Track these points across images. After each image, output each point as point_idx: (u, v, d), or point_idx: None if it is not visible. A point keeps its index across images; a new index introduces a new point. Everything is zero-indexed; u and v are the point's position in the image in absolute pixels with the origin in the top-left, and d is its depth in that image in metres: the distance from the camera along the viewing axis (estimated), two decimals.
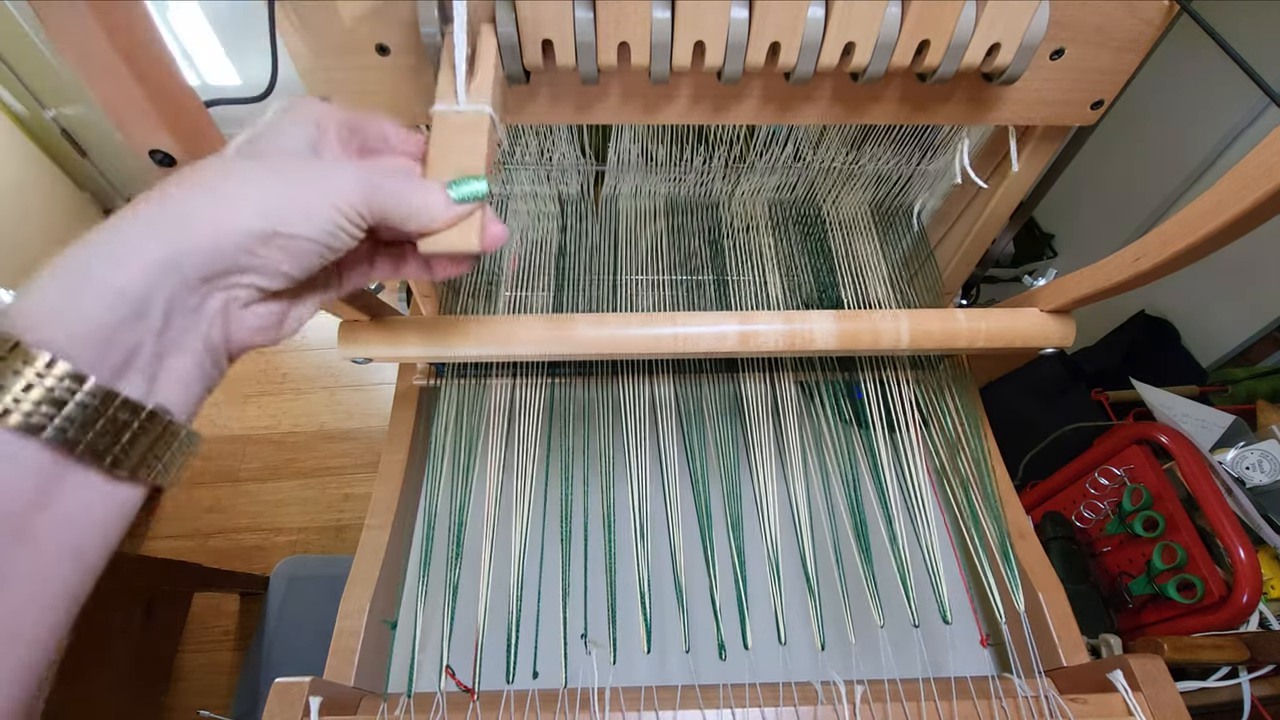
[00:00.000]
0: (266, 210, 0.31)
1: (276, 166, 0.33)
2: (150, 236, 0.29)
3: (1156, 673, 0.55)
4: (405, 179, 0.38)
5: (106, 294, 0.28)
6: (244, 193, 0.31)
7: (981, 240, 0.75)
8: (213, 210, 0.30)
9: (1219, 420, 1.20)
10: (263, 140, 0.35)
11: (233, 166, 0.33)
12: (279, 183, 0.33)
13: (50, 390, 0.26)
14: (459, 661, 0.60)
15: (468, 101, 0.42)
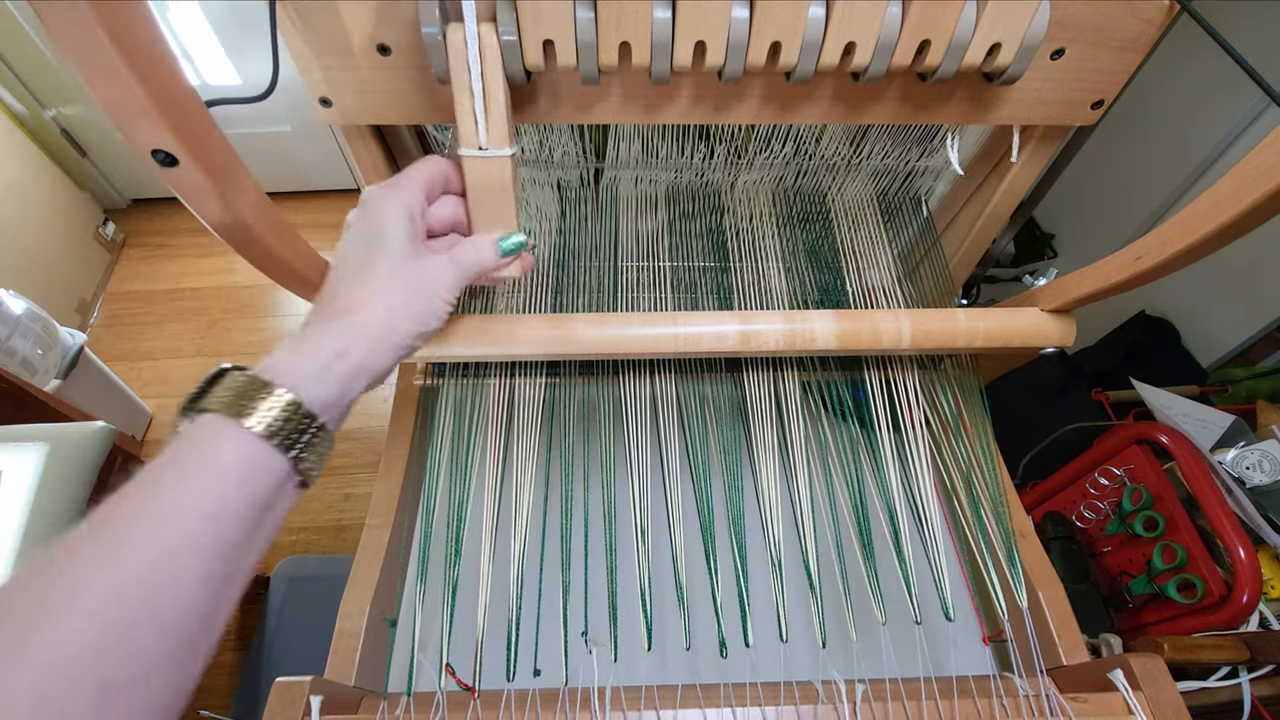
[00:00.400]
0: (419, 331, 0.48)
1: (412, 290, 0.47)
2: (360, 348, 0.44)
3: (1157, 672, 0.55)
4: (474, 249, 0.52)
5: (339, 383, 0.43)
6: (403, 326, 0.47)
7: (982, 240, 0.75)
8: (391, 337, 0.46)
9: (1219, 420, 1.21)
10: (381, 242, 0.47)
11: (388, 293, 0.46)
12: (419, 301, 0.48)
13: (295, 420, 0.39)
14: (459, 660, 0.60)
15: (489, 145, 0.50)
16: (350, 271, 0.46)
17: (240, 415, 0.37)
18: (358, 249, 0.47)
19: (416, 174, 0.50)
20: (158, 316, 2.45)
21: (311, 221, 2.74)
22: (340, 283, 0.46)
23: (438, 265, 0.49)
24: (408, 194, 0.48)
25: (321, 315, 0.45)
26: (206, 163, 0.39)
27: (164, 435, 2.16)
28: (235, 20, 2.11)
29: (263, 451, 0.37)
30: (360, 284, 0.46)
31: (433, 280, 0.48)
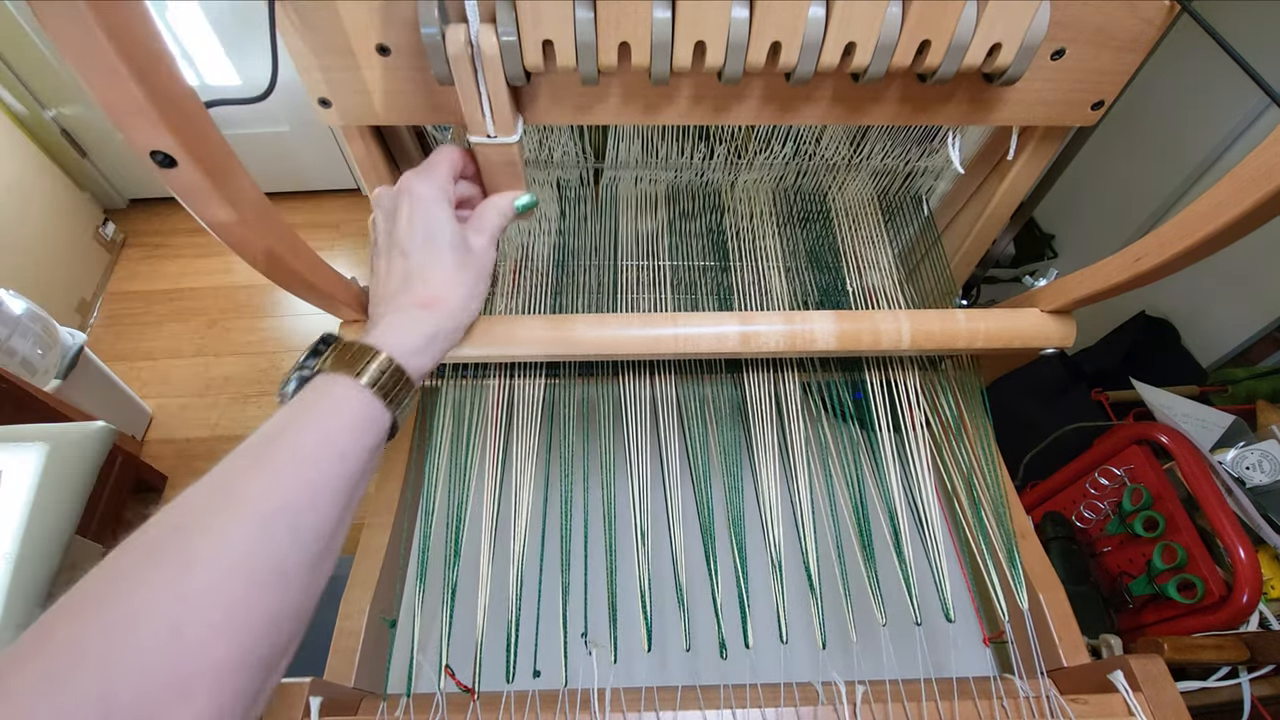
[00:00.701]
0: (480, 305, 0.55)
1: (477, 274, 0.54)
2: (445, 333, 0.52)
3: (1157, 673, 0.55)
4: (498, 215, 0.57)
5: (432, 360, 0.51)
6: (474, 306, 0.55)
7: (982, 240, 0.75)
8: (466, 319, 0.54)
9: (1219, 420, 1.21)
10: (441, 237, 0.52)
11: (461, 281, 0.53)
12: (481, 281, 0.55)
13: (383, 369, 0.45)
14: (459, 662, 0.60)
15: (497, 134, 0.53)
16: (419, 268, 0.52)
17: (357, 374, 0.44)
18: (418, 245, 0.52)
19: (444, 164, 0.55)
20: (157, 316, 2.46)
21: (310, 222, 2.74)
22: (412, 279, 0.51)
23: (481, 245, 0.55)
24: (446, 184, 0.54)
25: (401, 306, 0.51)
26: (205, 163, 0.39)
27: (164, 434, 2.16)
28: (235, 20, 2.11)
29: (376, 406, 0.44)
30: (433, 279, 0.52)
31: (485, 261, 0.55)
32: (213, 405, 2.24)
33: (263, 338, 2.40)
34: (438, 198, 0.52)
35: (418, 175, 0.53)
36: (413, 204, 0.52)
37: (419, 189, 0.52)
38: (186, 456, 2.13)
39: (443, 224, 0.52)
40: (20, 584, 1.06)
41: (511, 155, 0.55)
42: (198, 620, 0.32)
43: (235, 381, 2.29)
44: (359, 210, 2.77)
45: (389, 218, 0.54)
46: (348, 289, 0.61)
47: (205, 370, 2.32)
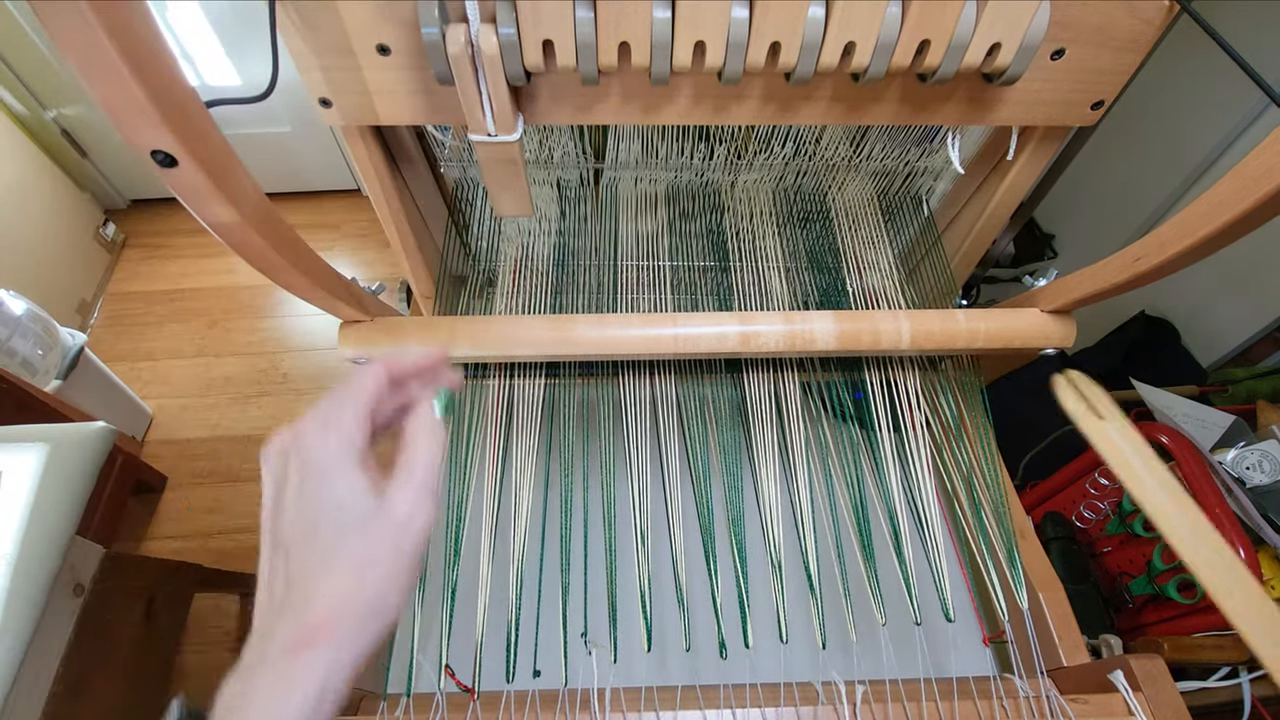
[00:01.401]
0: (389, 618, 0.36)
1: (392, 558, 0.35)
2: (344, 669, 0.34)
3: (1157, 673, 0.55)
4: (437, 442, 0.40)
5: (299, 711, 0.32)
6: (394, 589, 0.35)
7: (982, 240, 0.75)
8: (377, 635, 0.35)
9: (1219, 420, 1.21)
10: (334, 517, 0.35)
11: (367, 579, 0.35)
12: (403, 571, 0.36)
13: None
14: (459, 662, 0.60)
15: (497, 133, 0.53)
16: (299, 574, 0.35)
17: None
18: (301, 537, 0.36)
19: (351, 402, 0.39)
20: (158, 317, 2.45)
21: (311, 222, 2.74)
22: (291, 593, 0.35)
23: (405, 510, 0.37)
24: (352, 432, 0.38)
25: (268, 655, 0.34)
26: (206, 163, 0.39)
27: (164, 435, 2.16)
28: (235, 20, 2.11)
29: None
30: (318, 592, 0.35)
31: (412, 534, 0.36)
32: (213, 406, 2.24)
33: (263, 338, 2.40)
34: (336, 459, 0.37)
35: (314, 423, 0.38)
36: (301, 473, 0.36)
37: (311, 449, 0.37)
38: (187, 457, 2.13)
39: (340, 500, 0.36)
40: (20, 585, 1.06)
41: (512, 154, 0.55)
42: None
43: (236, 382, 2.29)
44: (359, 211, 2.77)
45: (275, 489, 0.37)
46: (348, 289, 0.61)
47: (206, 371, 2.32)
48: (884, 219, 0.83)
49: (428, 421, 0.41)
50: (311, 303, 0.58)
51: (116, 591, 1.30)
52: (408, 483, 0.37)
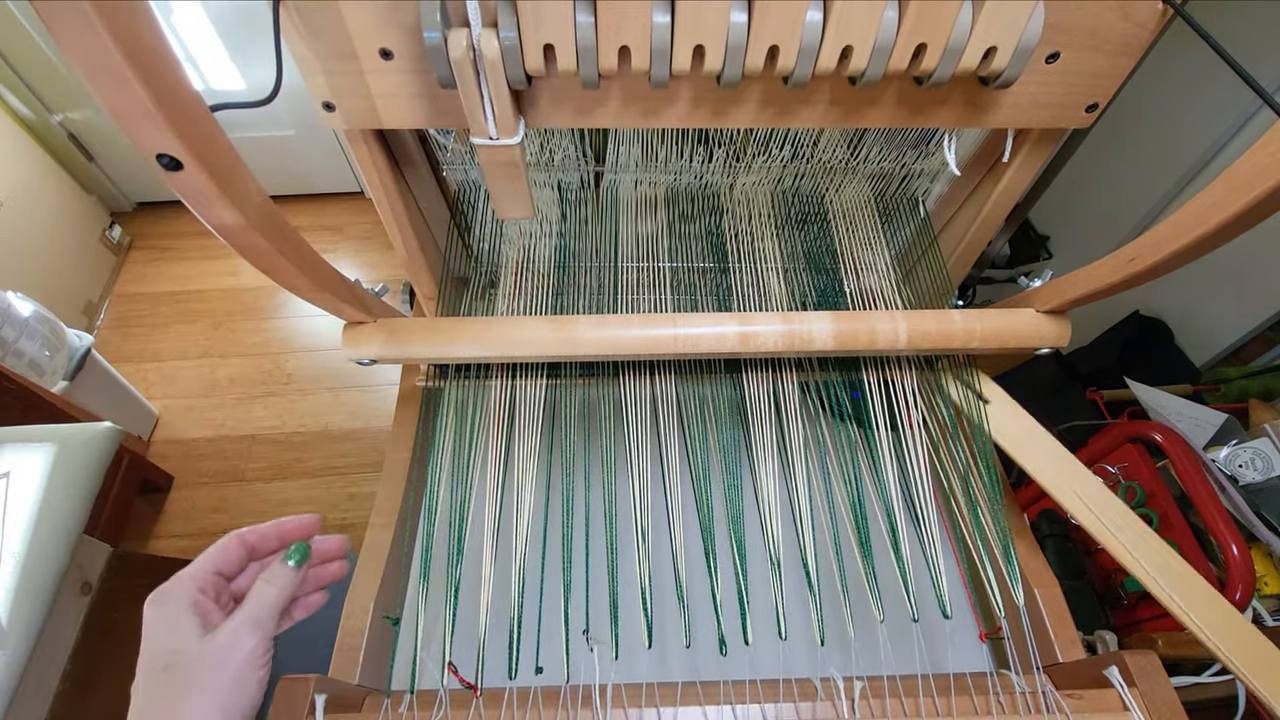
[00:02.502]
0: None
1: (202, 681, 0.42)
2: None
3: (1151, 668, 0.56)
4: (266, 585, 0.47)
5: None
6: None
7: (978, 241, 0.76)
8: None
9: (1212, 419, 1.21)
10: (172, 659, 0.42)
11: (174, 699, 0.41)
12: (211, 689, 0.42)
13: None
14: (462, 659, 0.61)
15: (499, 136, 0.53)
16: (136, 708, 0.42)
17: None
18: (142, 675, 0.43)
19: (197, 566, 0.47)
20: (163, 318, 2.46)
21: (315, 224, 2.74)
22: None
23: (228, 639, 0.43)
24: (183, 591, 0.45)
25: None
26: (211, 166, 0.40)
27: (170, 435, 2.17)
28: (239, 25, 2.12)
29: None
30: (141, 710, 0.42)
31: (227, 650, 0.43)
32: (219, 406, 2.25)
33: (268, 339, 2.41)
34: (168, 616, 0.44)
35: (157, 593, 0.45)
36: (149, 628, 0.44)
37: (151, 611, 0.44)
38: (192, 456, 2.14)
39: (159, 639, 0.43)
40: (28, 583, 1.07)
41: (513, 157, 0.56)
42: None
43: (241, 382, 2.30)
44: (362, 213, 2.78)
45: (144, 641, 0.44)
46: (351, 291, 0.62)
47: (211, 371, 2.33)
48: (881, 221, 0.83)
49: (271, 571, 0.48)
50: (315, 304, 0.59)
51: (123, 590, 1.31)
52: (234, 618, 0.45)
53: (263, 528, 0.51)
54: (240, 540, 0.49)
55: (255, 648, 0.44)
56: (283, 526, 0.51)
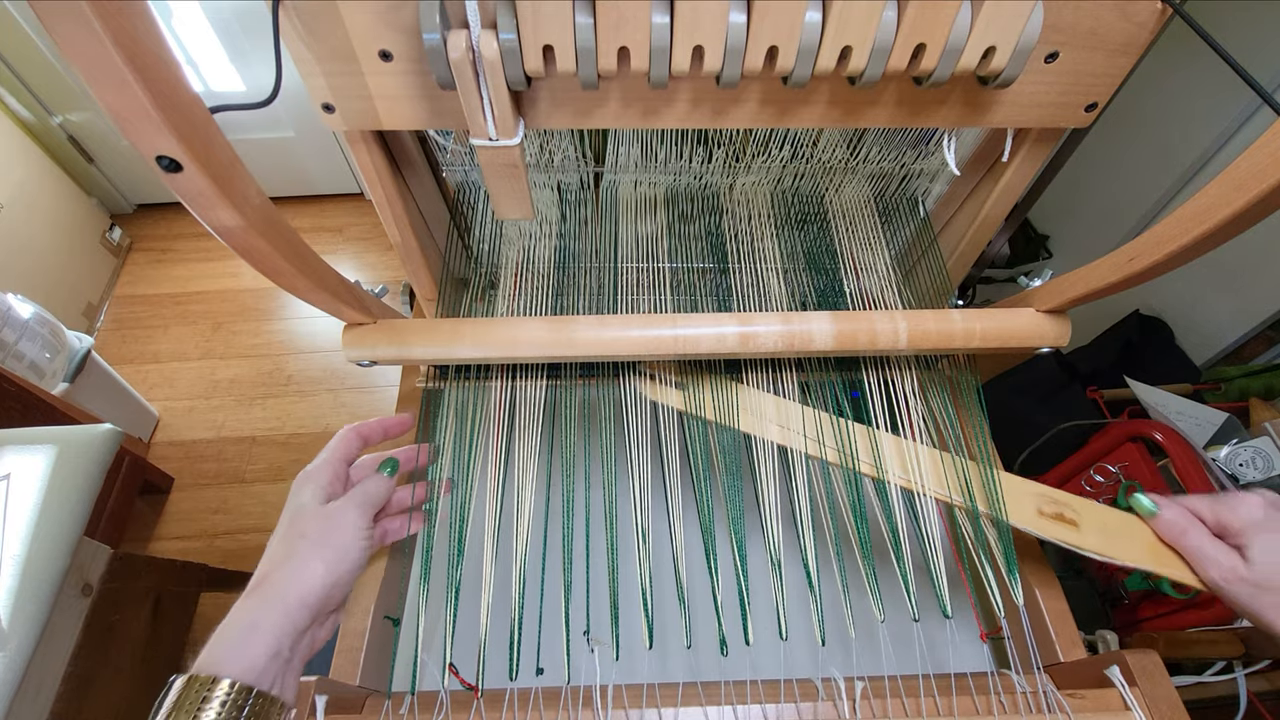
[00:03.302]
0: (326, 571, 0.52)
1: (318, 536, 0.54)
2: (274, 611, 0.49)
3: (1153, 668, 0.56)
4: (372, 481, 0.61)
5: (261, 650, 0.46)
6: (312, 567, 0.52)
7: (978, 241, 0.76)
8: (299, 584, 0.50)
9: (1212, 418, 1.21)
10: (301, 515, 0.56)
11: (299, 547, 0.53)
12: (323, 547, 0.53)
13: (237, 702, 0.43)
14: (462, 660, 0.61)
15: (498, 137, 0.54)
16: (269, 548, 0.54)
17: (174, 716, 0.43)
18: (279, 526, 0.56)
19: (330, 450, 0.61)
20: (163, 320, 2.47)
21: (315, 225, 2.75)
22: (262, 560, 0.53)
23: (342, 510, 0.57)
24: (318, 475, 0.59)
25: (246, 591, 0.51)
26: (210, 168, 0.40)
27: (170, 436, 2.17)
28: (239, 27, 2.12)
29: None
30: (272, 554, 0.53)
31: (339, 518, 0.56)
32: (219, 407, 2.25)
33: (268, 340, 2.41)
34: (306, 487, 0.57)
35: (304, 471, 0.60)
36: (293, 494, 0.58)
37: (296, 483, 0.59)
38: (193, 458, 2.14)
39: (297, 498, 0.57)
40: (28, 585, 1.07)
41: (513, 158, 0.56)
42: None
43: (240, 384, 2.30)
44: (362, 214, 2.78)
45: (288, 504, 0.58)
46: (351, 292, 0.62)
47: (211, 373, 2.33)
48: (880, 221, 0.83)
49: (373, 476, 0.62)
50: (315, 305, 0.59)
51: (124, 591, 1.31)
52: (344, 497, 0.58)
53: (370, 423, 0.65)
54: (356, 433, 0.63)
55: (356, 520, 0.56)
56: (385, 423, 0.67)
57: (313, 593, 0.51)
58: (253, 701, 0.44)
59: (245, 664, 0.45)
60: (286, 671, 0.48)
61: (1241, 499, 0.57)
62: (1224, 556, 0.56)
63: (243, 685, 0.44)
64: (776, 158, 0.79)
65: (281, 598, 0.49)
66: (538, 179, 0.82)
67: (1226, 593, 0.56)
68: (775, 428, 0.69)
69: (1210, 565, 0.57)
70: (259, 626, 0.47)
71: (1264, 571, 0.53)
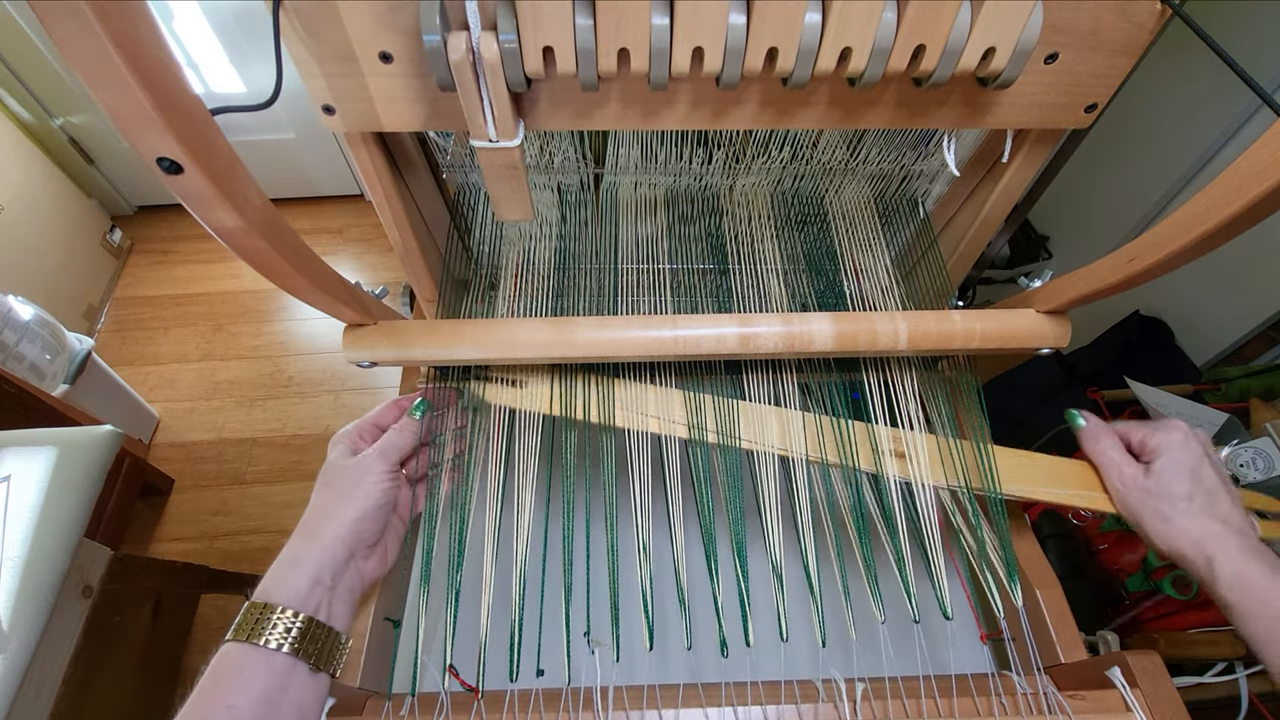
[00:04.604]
0: (354, 512, 0.58)
1: (343, 485, 0.60)
2: (311, 548, 0.55)
3: (1154, 669, 0.55)
4: (395, 431, 0.65)
5: (303, 579, 0.53)
6: (340, 510, 0.58)
7: (978, 242, 0.76)
8: (331, 525, 0.57)
9: (1212, 418, 1.21)
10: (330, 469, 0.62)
11: (328, 496, 0.59)
12: (349, 493, 0.59)
13: (287, 625, 0.50)
14: (463, 661, 0.61)
15: (498, 139, 0.54)
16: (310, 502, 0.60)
17: (234, 636, 0.50)
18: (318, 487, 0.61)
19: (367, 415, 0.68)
20: (164, 321, 2.47)
21: (315, 227, 2.75)
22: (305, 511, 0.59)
23: (366, 457, 0.62)
24: (351, 436, 0.65)
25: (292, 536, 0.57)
26: (211, 169, 0.40)
27: (170, 438, 2.17)
28: (239, 28, 2.12)
29: (240, 653, 0.50)
30: (311, 506, 0.59)
31: (362, 467, 0.61)
32: (219, 409, 2.25)
33: (268, 341, 2.41)
34: (339, 446, 0.64)
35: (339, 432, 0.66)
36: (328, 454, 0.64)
37: (331, 443, 0.64)
38: (193, 459, 2.14)
39: (328, 460, 0.63)
40: (29, 587, 1.07)
41: (513, 159, 0.56)
42: None
43: (241, 385, 2.30)
44: (362, 215, 2.78)
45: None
46: (351, 293, 0.62)
47: (211, 374, 2.33)
48: (880, 222, 0.83)
49: (400, 422, 0.67)
50: (315, 306, 0.59)
51: (124, 593, 1.31)
52: (369, 450, 0.63)
53: (410, 395, 0.71)
54: (396, 404, 0.70)
55: (377, 466, 0.61)
56: (424, 392, 0.72)
57: (343, 529, 0.57)
58: (301, 624, 0.51)
59: (290, 592, 0.52)
60: (333, 598, 0.55)
61: (1167, 424, 0.64)
62: (1129, 466, 0.64)
63: (293, 611, 0.51)
64: (776, 159, 0.79)
65: (316, 536, 0.56)
66: (538, 180, 0.82)
67: (1122, 497, 0.64)
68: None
69: (1114, 471, 0.65)
70: (299, 560, 0.54)
71: (1158, 481, 0.61)
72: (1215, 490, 0.61)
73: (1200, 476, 0.61)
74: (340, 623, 0.55)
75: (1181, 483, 0.61)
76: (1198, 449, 0.62)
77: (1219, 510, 0.59)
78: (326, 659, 0.52)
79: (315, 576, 0.54)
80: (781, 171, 0.81)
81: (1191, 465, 0.61)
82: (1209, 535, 0.58)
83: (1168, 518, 0.60)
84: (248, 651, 0.49)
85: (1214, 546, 0.57)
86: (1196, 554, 0.58)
